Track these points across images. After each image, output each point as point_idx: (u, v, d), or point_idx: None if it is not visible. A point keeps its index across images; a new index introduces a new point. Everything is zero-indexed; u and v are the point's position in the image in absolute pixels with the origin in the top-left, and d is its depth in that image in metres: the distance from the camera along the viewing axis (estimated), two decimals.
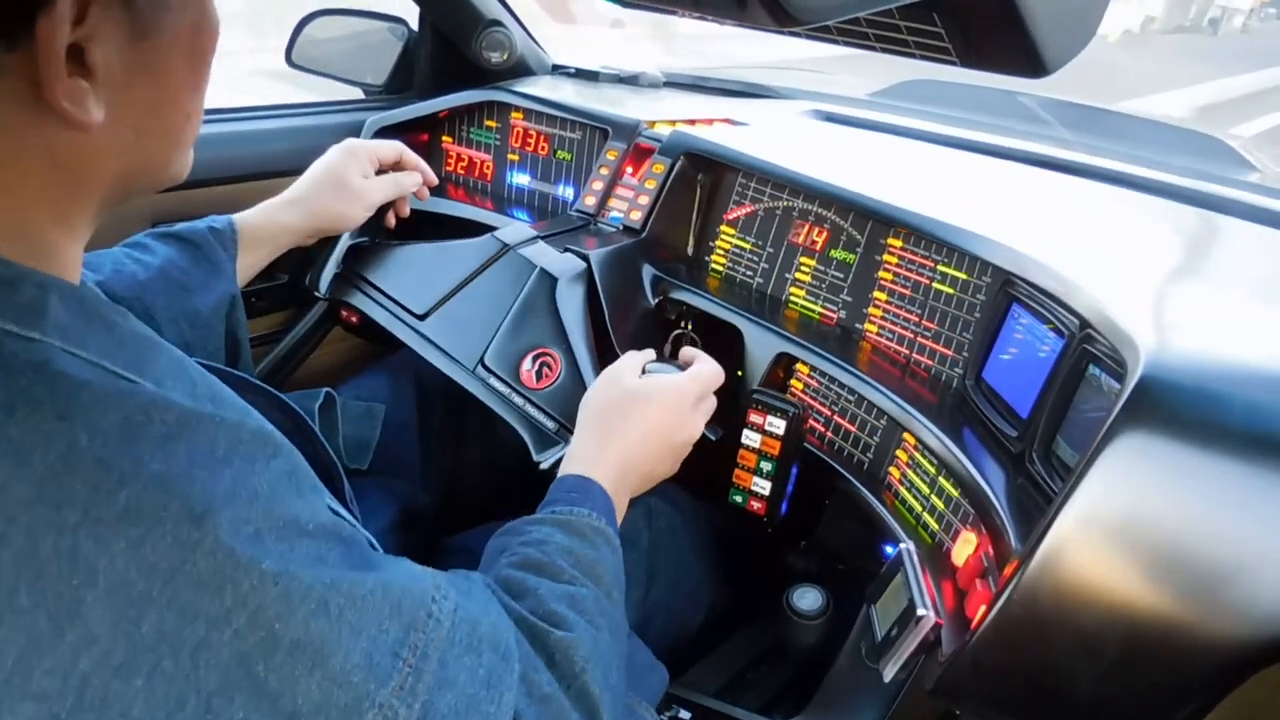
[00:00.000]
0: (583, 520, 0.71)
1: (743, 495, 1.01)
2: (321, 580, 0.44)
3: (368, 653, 0.45)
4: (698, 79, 1.72)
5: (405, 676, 0.46)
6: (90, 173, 0.47)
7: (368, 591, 0.46)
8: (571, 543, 0.68)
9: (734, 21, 0.46)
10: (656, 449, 0.84)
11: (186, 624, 0.39)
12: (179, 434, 0.41)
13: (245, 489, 0.42)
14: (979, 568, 0.75)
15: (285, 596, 0.42)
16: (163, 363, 0.46)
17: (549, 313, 1.05)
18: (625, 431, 0.82)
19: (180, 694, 0.39)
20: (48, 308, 0.42)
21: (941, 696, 0.72)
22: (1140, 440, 0.63)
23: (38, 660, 0.37)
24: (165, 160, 0.51)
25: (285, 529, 0.44)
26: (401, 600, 0.48)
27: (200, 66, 0.50)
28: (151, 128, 0.48)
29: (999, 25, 0.44)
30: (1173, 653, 0.62)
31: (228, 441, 0.43)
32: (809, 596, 1.00)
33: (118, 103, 0.45)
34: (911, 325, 1.02)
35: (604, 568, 0.68)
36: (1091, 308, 0.77)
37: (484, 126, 1.43)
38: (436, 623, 0.49)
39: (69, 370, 0.40)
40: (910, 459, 0.92)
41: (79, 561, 0.37)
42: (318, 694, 0.42)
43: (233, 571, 0.40)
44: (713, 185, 1.21)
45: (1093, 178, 1.26)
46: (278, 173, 1.35)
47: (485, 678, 0.51)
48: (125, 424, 0.40)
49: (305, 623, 0.42)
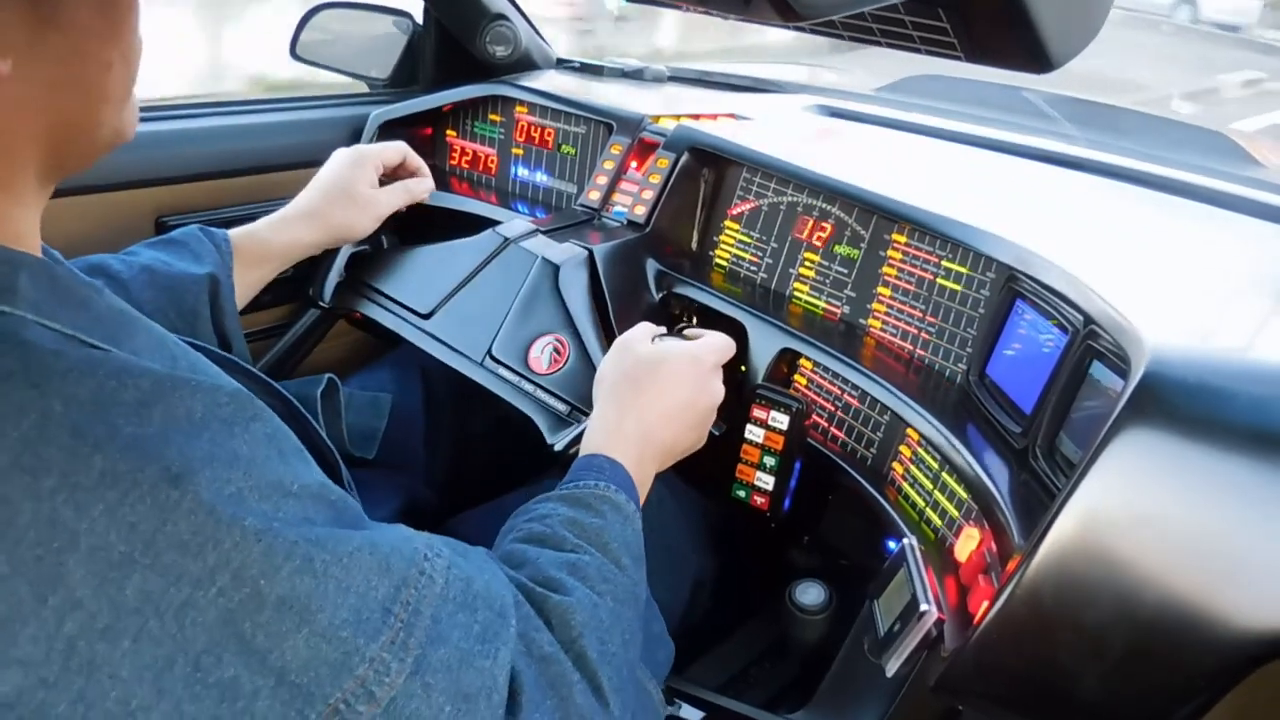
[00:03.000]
0: (588, 491, 0.69)
1: (746, 490, 1.01)
2: (306, 538, 0.44)
3: (355, 609, 0.45)
4: (702, 74, 1.72)
5: (396, 632, 0.46)
6: (12, 132, 0.46)
7: (355, 549, 0.46)
8: (575, 513, 0.67)
9: (739, 16, 0.46)
10: (676, 416, 0.81)
11: (170, 585, 0.39)
12: (153, 399, 0.41)
13: (224, 450, 0.42)
14: (982, 564, 0.75)
15: (269, 554, 0.42)
16: (140, 337, 0.46)
17: (554, 300, 1.05)
18: (643, 400, 0.80)
19: (168, 655, 0.39)
20: (17, 284, 0.42)
21: (944, 692, 0.72)
22: (1144, 436, 0.63)
23: (21, 627, 0.37)
24: (94, 116, 0.50)
25: (269, 490, 0.43)
26: (390, 558, 0.48)
27: (115, 15, 0.49)
28: (67, 81, 0.47)
29: (1004, 20, 0.44)
30: (1176, 648, 0.62)
31: (205, 405, 0.43)
32: (812, 592, 1.00)
33: (24, 56, 0.44)
34: (915, 321, 1.02)
35: (611, 535, 0.66)
36: (1095, 304, 0.77)
37: (488, 120, 1.43)
38: (429, 579, 0.49)
39: (41, 341, 0.41)
40: (913, 454, 0.92)
41: (58, 527, 0.37)
42: (305, 650, 0.42)
43: (214, 531, 0.40)
44: (717, 180, 1.21)
45: (1097, 173, 1.26)
46: (281, 166, 1.35)
47: (480, 634, 0.51)
48: (98, 391, 0.40)
49: (290, 580, 0.42)
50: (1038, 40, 0.44)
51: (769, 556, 1.20)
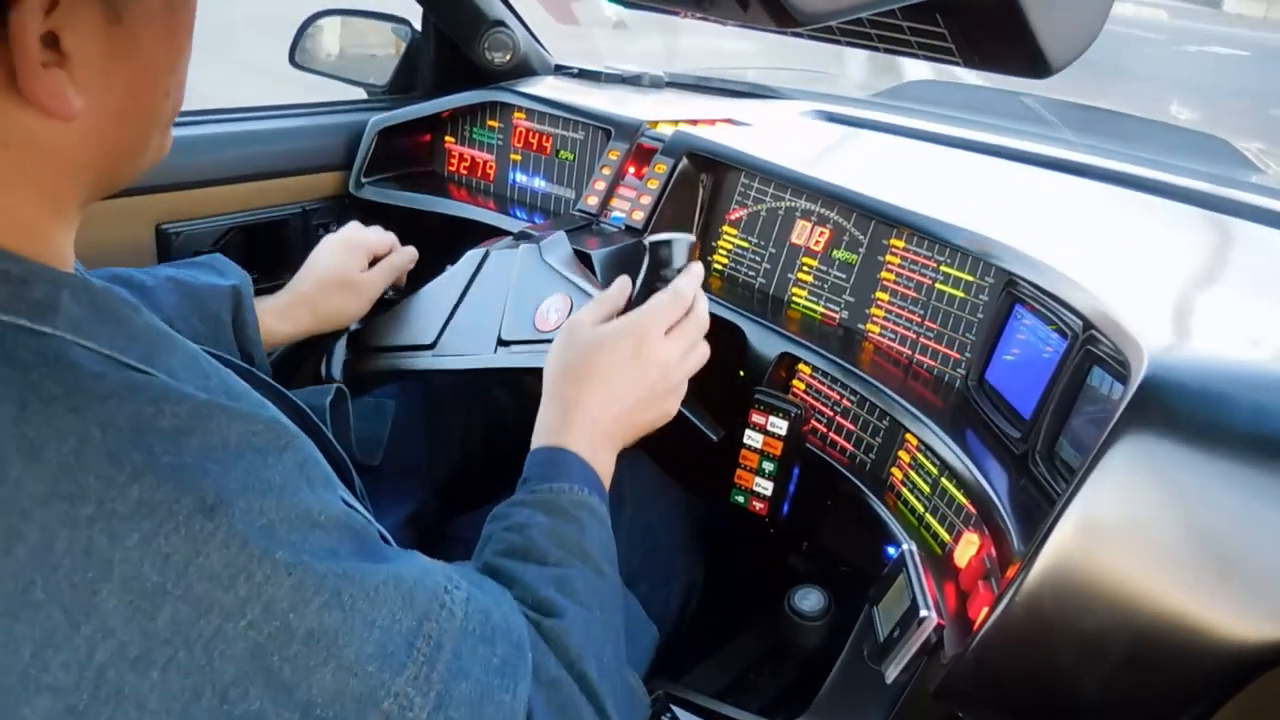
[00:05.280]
0: (564, 497, 0.69)
1: (744, 495, 1.00)
2: (334, 571, 0.44)
3: (381, 643, 0.45)
4: (700, 79, 1.72)
5: (420, 666, 0.46)
6: (76, 160, 0.46)
7: (380, 582, 0.46)
8: (554, 523, 0.66)
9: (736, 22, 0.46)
10: (620, 398, 0.78)
11: (201, 616, 0.39)
12: (191, 427, 0.41)
13: (258, 481, 0.43)
14: (981, 569, 0.75)
15: (299, 587, 0.42)
16: (176, 356, 0.47)
17: (545, 270, 1.05)
18: (584, 392, 0.78)
19: (196, 686, 0.39)
20: (60, 302, 0.42)
21: (944, 699, 0.72)
22: (1143, 442, 0.62)
23: (53, 654, 0.37)
24: (146, 141, 0.51)
25: (298, 521, 0.44)
26: (414, 591, 0.48)
27: (177, 44, 0.49)
28: (132, 111, 0.48)
29: (1002, 25, 0.44)
30: (1177, 655, 0.62)
31: (240, 434, 0.43)
32: (811, 598, 0.99)
33: (96, 89, 0.44)
34: (914, 326, 1.02)
35: (590, 543, 0.66)
36: (1095, 309, 0.77)
37: (486, 127, 1.43)
38: (450, 613, 0.50)
39: (82, 362, 0.41)
40: (912, 460, 0.92)
41: (93, 556, 0.38)
42: (332, 684, 0.43)
43: (246, 563, 0.40)
44: (715, 185, 1.21)
45: (1096, 179, 1.26)
46: (281, 173, 1.35)
47: (500, 667, 0.51)
48: (136, 417, 0.40)
49: (319, 614, 0.42)
50: (1035, 45, 0.44)
51: (768, 562, 1.20)
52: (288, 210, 1.37)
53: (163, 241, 1.23)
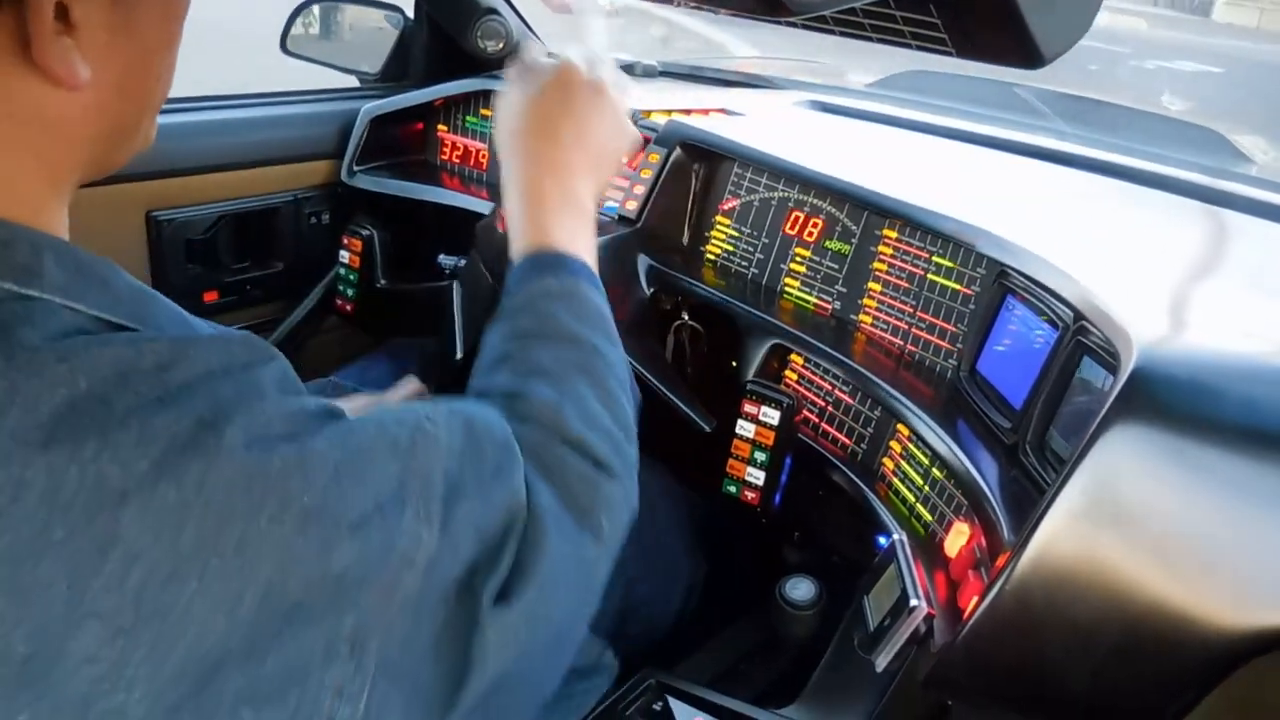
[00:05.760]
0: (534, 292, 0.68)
1: (736, 485, 1.01)
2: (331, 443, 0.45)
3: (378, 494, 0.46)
4: (693, 69, 1.72)
5: (418, 503, 0.48)
6: (78, 133, 0.48)
7: (369, 439, 0.48)
8: (514, 325, 0.67)
9: (731, 11, 0.46)
10: (599, 128, 0.77)
11: (225, 524, 0.41)
12: (172, 361, 0.42)
13: (249, 389, 0.44)
14: (971, 559, 0.75)
15: (304, 470, 0.43)
16: (161, 313, 0.48)
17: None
18: (559, 153, 0.76)
19: (236, 589, 0.41)
20: (44, 266, 0.43)
21: (934, 687, 0.73)
22: (1133, 432, 0.63)
23: (89, 581, 0.38)
24: (137, 123, 0.52)
25: (292, 416, 0.45)
26: (397, 437, 0.49)
27: (174, 27, 0.51)
28: (131, 87, 0.49)
29: (995, 16, 0.44)
30: (1165, 644, 0.62)
31: (220, 356, 0.44)
32: (801, 587, 1.00)
33: (100, 62, 0.46)
34: (906, 316, 1.02)
35: (556, 324, 0.66)
36: (1085, 300, 0.77)
37: (479, 115, 1.43)
38: (432, 439, 0.51)
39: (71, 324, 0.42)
40: (904, 450, 0.92)
41: (105, 487, 0.38)
42: (350, 548, 0.44)
43: (255, 466, 0.42)
44: (708, 175, 1.20)
45: (1088, 170, 1.26)
46: (272, 161, 1.35)
47: (494, 470, 0.53)
48: (117, 361, 0.41)
49: (324, 490, 0.44)
50: (1028, 36, 0.44)
51: (759, 552, 1.20)
52: (279, 198, 1.36)
53: (152, 229, 1.22)
